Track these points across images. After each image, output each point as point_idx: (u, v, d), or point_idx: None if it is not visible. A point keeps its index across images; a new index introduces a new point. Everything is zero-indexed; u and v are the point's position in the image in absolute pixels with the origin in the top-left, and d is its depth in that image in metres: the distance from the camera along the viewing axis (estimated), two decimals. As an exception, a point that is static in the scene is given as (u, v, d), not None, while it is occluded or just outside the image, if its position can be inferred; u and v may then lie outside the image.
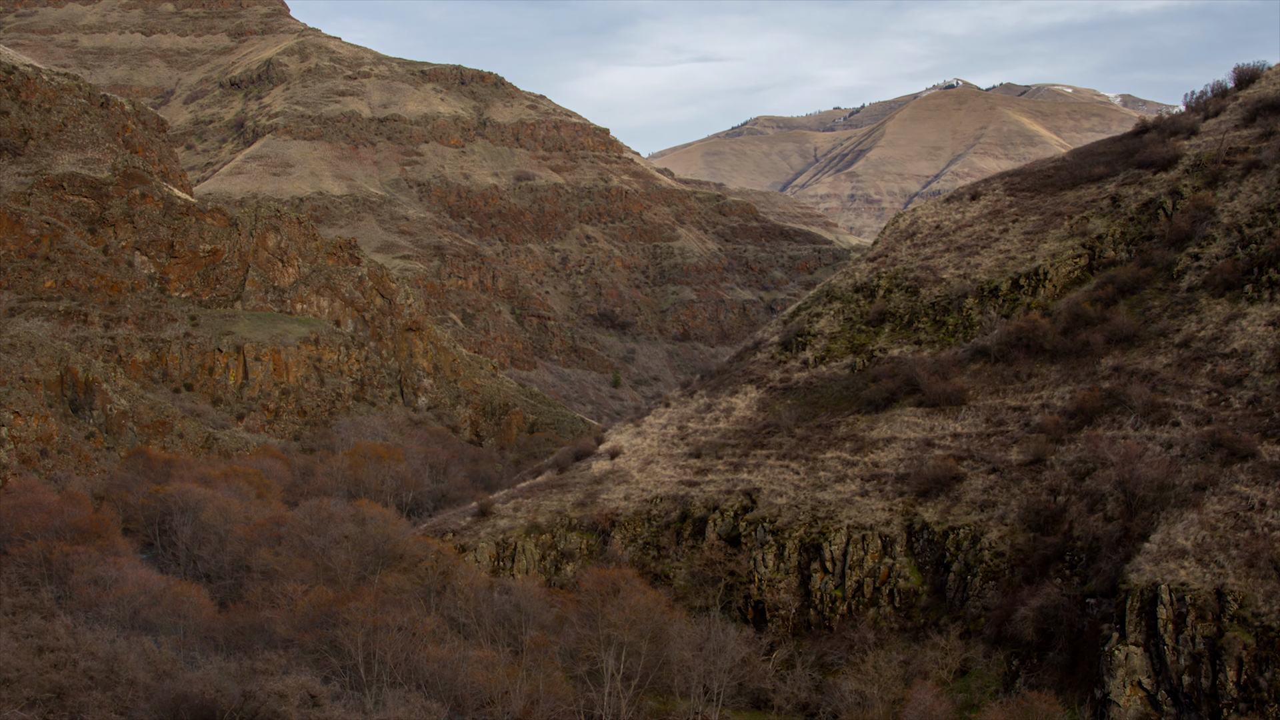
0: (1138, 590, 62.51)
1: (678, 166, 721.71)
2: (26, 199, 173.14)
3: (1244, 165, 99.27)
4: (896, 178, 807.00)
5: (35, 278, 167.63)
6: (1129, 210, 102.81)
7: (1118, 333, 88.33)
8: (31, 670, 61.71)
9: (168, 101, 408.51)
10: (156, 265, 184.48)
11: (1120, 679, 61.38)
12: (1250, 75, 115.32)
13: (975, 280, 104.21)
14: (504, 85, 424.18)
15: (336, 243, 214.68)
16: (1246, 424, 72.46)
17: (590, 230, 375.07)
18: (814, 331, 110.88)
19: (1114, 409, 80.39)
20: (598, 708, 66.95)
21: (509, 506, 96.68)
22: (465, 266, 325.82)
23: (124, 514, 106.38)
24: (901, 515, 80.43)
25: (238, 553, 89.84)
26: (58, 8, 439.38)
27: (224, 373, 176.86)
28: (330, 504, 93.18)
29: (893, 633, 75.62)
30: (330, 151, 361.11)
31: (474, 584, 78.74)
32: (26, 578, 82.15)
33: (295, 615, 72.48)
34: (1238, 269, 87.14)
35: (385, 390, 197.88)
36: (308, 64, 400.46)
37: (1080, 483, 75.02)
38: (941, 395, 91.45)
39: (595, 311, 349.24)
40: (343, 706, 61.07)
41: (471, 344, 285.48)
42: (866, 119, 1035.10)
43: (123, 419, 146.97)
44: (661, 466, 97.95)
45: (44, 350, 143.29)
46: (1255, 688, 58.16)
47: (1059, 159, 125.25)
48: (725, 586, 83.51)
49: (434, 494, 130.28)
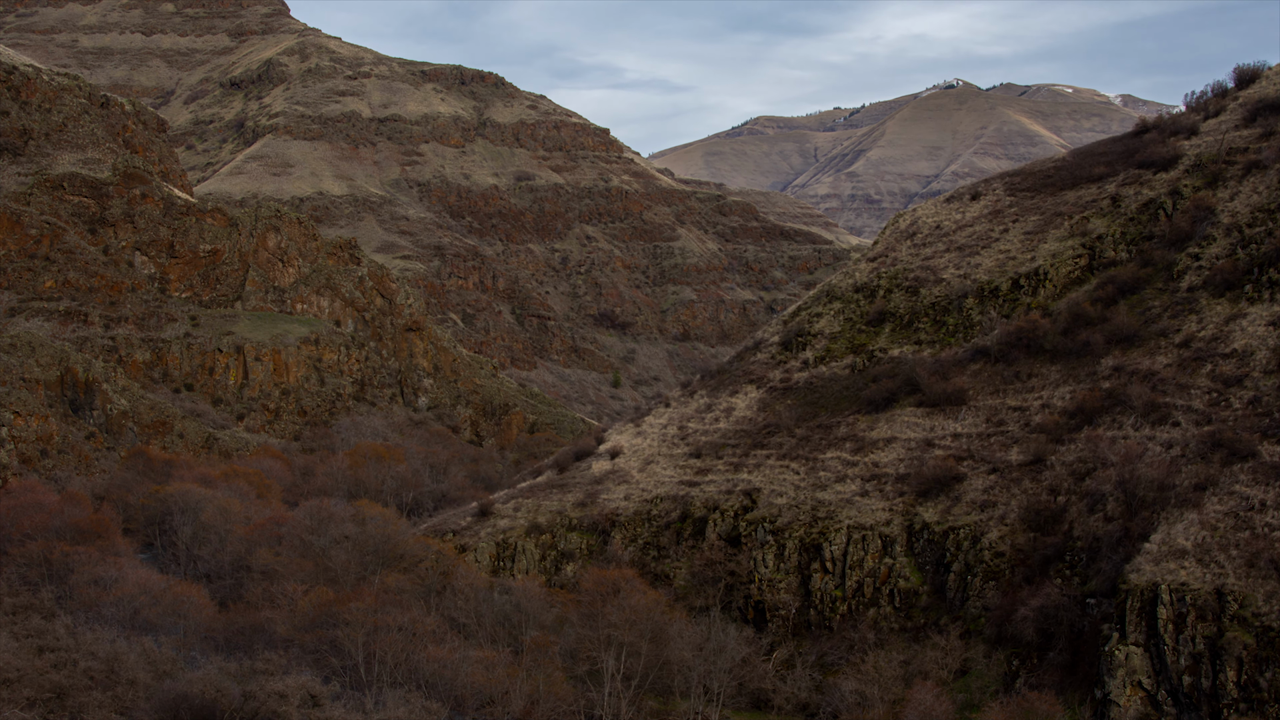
0: (1138, 590, 62.50)
1: (678, 166, 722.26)
2: (27, 199, 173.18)
3: (1244, 165, 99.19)
4: (896, 178, 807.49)
5: (35, 278, 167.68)
6: (1129, 210, 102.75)
7: (1118, 333, 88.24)
8: (32, 670, 61.70)
9: (168, 101, 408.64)
10: (157, 265, 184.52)
11: (1120, 679, 61.38)
12: (1250, 75, 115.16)
13: (975, 280, 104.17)
14: (504, 85, 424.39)
15: (337, 243, 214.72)
16: (1247, 424, 72.43)
17: (590, 230, 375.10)
18: (814, 331, 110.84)
19: (1114, 409, 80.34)
20: (598, 708, 66.96)
21: (509, 506, 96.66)
22: (465, 266, 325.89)
23: (124, 514, 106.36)
24: (902, 515, 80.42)
25: (238, 553, 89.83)
26: (58, 8, 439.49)
27: (224, 373, 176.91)
28: (330, 504, 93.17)
29: (893, 633, 75.61)
30: (330, 151, 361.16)
31: (474, 584, 78.71)
32: (26, 578, 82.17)
33: (295, 615, 72.48)
34: (1238, 269, 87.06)
35: (385, 390, 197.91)
36: (308, 64, 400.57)
37: (1080, 483, 75.01)
38: (942, 395, 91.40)
39: (595, 311, 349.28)
40: (343, 706, 61.07)
41: (472, 344, 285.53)
42: (866, 119, 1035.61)
43: (123, 419, 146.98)
44: (662, 466, 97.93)
45: (44, 350, 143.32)
46: (1255, 688, 58.15)
47: (1059, 159, 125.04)
48: (725, 586, 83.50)
49: (434, 494, 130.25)
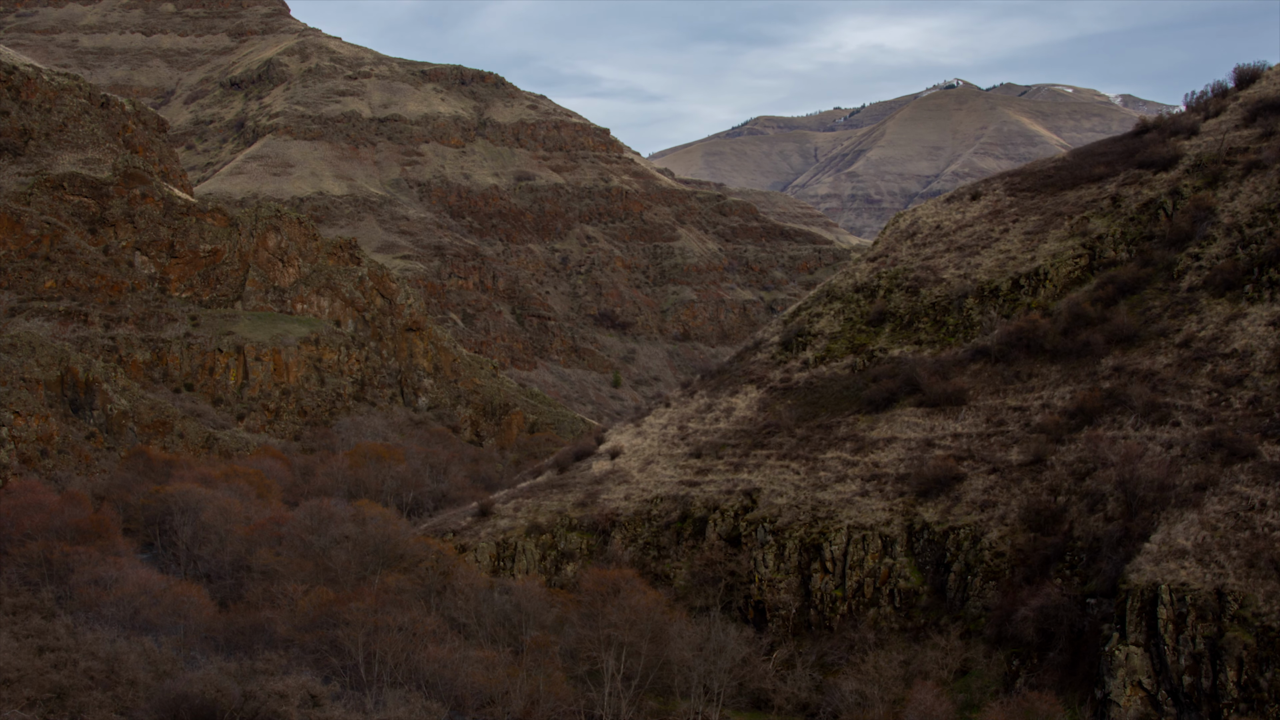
0: (1138, 590, 62.51)
1: (678, 166, 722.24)
2: (27, 199, 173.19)
3: (1244, 165, 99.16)
4: (896, 178, 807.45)
5: (36, 278, 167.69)
6: (1129, 210, 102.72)
7: (1118, 333, 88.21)
8: (32, 670, 61.72)
9: (168, 101, 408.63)
10: (157, 265, 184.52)
11: (1120, 679, 61.39)
12: (1250, 75, 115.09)
13: (975, 280, 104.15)
14: (504, 85, 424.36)
15: (337, 243, 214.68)
16: (1247, 424, 72.43)
17: (590, 230, 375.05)
18: (814, 331, 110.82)
19: (1114, 409, 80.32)
20: (598, 708, 66.96)
21: (509, 506, 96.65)
22: (465, 266, 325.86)
23: (124, 514, 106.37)
24: (902, 515, 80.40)
25: (238, 553, 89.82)
26: (58, 8, 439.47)
27: (224, 373, 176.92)
28: (330, 504, 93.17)
29: (893, 633, 75.60)
30: (330, 151, 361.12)
31: (474, 584, 78.72)
32: (27, 578, 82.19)
33: (295, 615, 72.49)
34: (1238, 269, 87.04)
35: (385, 390, 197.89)
36: (308, 64, 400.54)
37: (1080, 483, 75.01)
38: (942, 395, 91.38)
39: (595, 311, 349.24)
40: (343, 706, 61.08)
41: (472, 344, 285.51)
42: (867, 119, 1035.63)
43: (123, 419, 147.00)
44: (662, 466, 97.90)
45: (44, 350, 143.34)
46: (1256, 688, 58.15)
47: (1059, 159, 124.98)
48: (725, 586, 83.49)
49: (434, 494, 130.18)
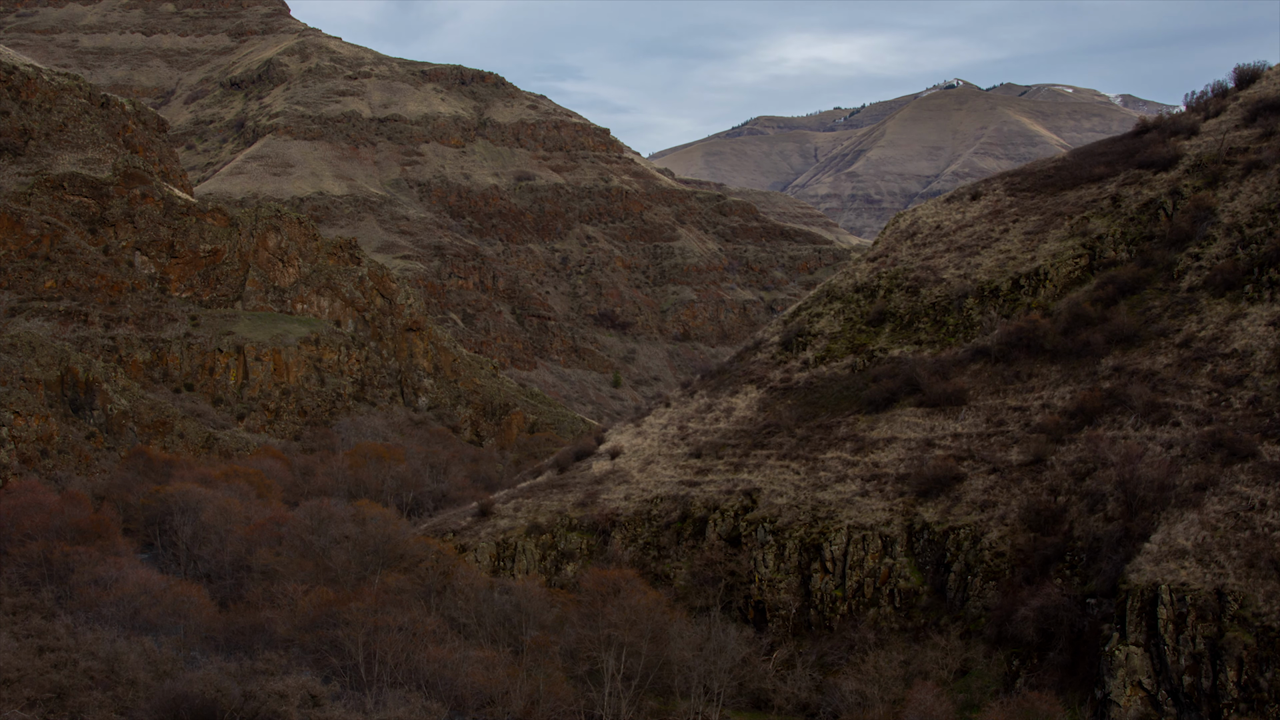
0: (1138, 590, 62.51)
1: (678, 166, 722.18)
2: (27, 199, 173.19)
3: (1244, 165, 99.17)
4: (897, 178, 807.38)
5: (36, 278, 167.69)
6: (1129, 210, 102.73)
7: (1118, 333, 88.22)
8: (32, 670, 61.72)
9: (168, 101, 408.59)
10: (157, 265, 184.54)
11: (1121, 679, 61.39)
12: (1250, 75, 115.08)
13: (976, 280, 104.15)
14: (504, 85, 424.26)
15: (337, 243, 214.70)
16: (1247, 424, 72.43)
17: (590, 230, 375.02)
18: (814, 331, 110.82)
19: (1114, 409, 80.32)
20: (598, 708, 66.95)
21: (509, 506, 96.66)
22: (465, 266, 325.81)
23: (124, 514, 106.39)
24: (902, 515, 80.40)
25: (238, 553, 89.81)
26: (58, 8, 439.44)
27: (224, 373, 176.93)
28: (330, 504, 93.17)
29: (893, 633, 75.59)
30: (330, 151, 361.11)
31: (474, 584, 78.72)
32: (27, 578, 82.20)
33: (295, 615, 72.47)
34: (1238, 269, 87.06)
35: (386, 390, 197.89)
36: (308, 64, 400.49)
37: (1080, 483, 75.01)
38: (942, 395, 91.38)
39: (595, 311, 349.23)
40: (343, 706, 61.07)
41: (472, 344, 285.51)
42: (867, 119, 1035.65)
43: (123, 419, 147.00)
44: (662, 466, 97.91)
45: (44, 350, 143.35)
46: (1256, 688, 58.16)
47: (1059, 159, 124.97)
48: (725, 586, 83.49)
49: (434, 494, 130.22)
